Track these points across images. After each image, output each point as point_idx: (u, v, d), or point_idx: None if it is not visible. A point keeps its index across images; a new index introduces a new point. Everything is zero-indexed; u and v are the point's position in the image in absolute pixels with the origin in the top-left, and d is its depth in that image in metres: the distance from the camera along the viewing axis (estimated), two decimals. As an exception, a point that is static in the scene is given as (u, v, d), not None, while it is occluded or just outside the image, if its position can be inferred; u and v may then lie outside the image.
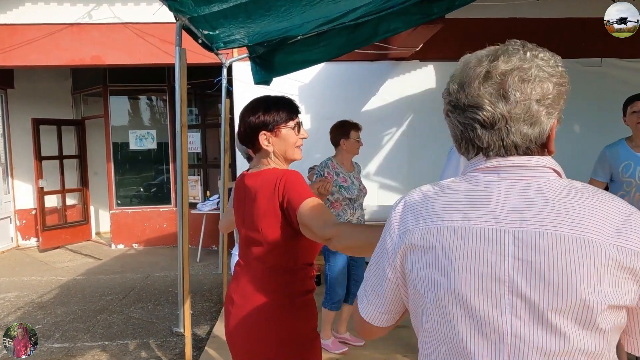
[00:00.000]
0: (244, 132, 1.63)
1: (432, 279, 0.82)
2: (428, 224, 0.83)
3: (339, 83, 5.68)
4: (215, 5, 2.48)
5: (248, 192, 1.62)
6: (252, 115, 1.59)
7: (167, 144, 7.69)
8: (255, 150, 1.66)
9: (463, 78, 0.85)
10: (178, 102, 2.81)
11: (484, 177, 0.84)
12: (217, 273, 5.87)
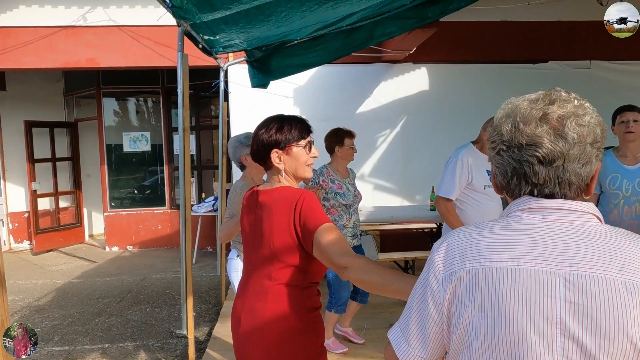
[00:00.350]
0: (256, 149, 1.67)
1: (482, 320, 0.81)
2: (475, 265, 0.83)
3: (334, 85, 5.74)
4: (219, 12, 2.52)
5: (261, 208, 1.64)
6: (265, 133, 1.63)
7: (161, 146, 7.69)
8: (266, 168, 1.70)
9: (517, 119, 0.88)
10: (180, 107, 2.84)
11: (528, 217, 0.86)
12: (213, 275, 5.90)
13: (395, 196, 5.82)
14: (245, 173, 2.76)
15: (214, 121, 7.71)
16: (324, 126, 5.88)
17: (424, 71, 5.86)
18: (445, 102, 5.81)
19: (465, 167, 3.00)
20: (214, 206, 6.59)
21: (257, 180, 2.74)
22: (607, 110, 6.22)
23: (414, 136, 5.81)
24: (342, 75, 5.67)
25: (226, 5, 2.44)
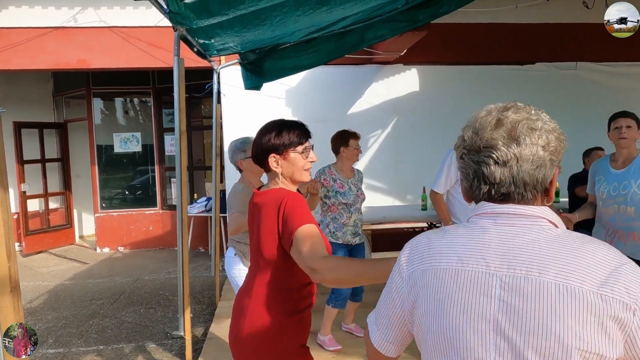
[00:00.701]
0: (255, 153, 1.73)
1: (430, 315, 0.90)
2: (427, 265, 0.93)
3: (326, 86, 5.79)
4: (216, 18, 2.55)
5: (256, 209, 1.70)
6: (264, 138, 1.68)
7: (153, 146, 7.68)
8: (265, 170, 1.75)
9: (476, 126, 0.95)
10: (177, 111, 2.88)
11: (481, 222, 0.92)
12: (207, 275, 5.91)
13: (387, 196, 5.88)
14: (243, 176, 2.85)
15: (205, 122, 7.71)
16: (316, 127, 5.91)
17: (414, 72, 5.93)
18: (436, 103, 5.89)
19: (454, 165, 3.12)
20: (207, 207, 6.61)
21: (254, 183, 2.80)
22: (592, 111, 6.38)
23: (405, 137, 5.88)
24: (334, 76, 5.71)
25: (223, 11, 2.47)
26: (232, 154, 2.84)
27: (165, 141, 7.54)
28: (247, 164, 2.79)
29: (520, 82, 5.97)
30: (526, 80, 5.97)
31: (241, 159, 2.81)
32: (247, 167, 2.80)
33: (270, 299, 1.63)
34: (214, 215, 5.16)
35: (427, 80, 5.95)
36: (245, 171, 2.83)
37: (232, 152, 2.84)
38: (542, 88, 5.97)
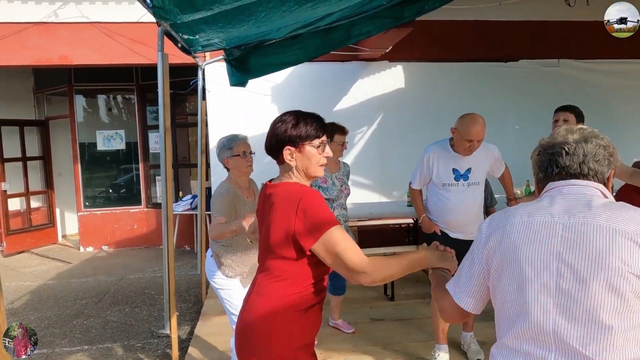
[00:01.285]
0: (269, 143, 1.66)
1: (505, 254, 1.20)
2: (503, 223, 1.25)
3: (312, 83, 5.78)
4: (200, 13, 2.53)
5: (267, 200, 1.65)
6: (281, 128, 1.61)
7: (137, 144, 7.59)
8: (278, 162, 1.69)
9: (553, 134, 1.32)
10: (161, 107, 2.84)
11: (549, 193, 1.25)
12: (192, 273, 5.87)
13: (373, 192, 5.90)
14: (230, 175, 2.77)
15: (190, 119, 7.65)
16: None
17: (399, 69, 5.95)
18: (421, 99, 5.92)
19: (426, 163, 3.16)
20: (192, 204, 6.56)
21: (241, 183, 2.74)
22: (575, 108, 6.31)
23: (391, 133, 5.90)
24: (320, 73, 5.71)
25: (208, 6, 2.45)
26: (219, 152, 2.76)
27: (150, 139, 7.46)
28: (234, 163, 2.71)
29: (504, 78, 6.03)
30: (510, 77, 6.03)
31: (228, 157, 2.71)
32: (234, 165, 2.72)
33: (281, 296, 1.59)
34: (199, 213, 5.12)
35: (413, 77, 5.97)
36: (232, 170, 2.74)
37: (219, 150, 2.76)
38: (525, 85, 6.05)
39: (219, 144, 2.80)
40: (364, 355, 3.36)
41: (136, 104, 7.53)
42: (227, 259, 2.77)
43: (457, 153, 3.09)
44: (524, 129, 6.20)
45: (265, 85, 5.58)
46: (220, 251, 2.77)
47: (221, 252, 2.77)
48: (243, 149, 2.72)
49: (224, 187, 2.67)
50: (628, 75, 6.12)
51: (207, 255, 2.87)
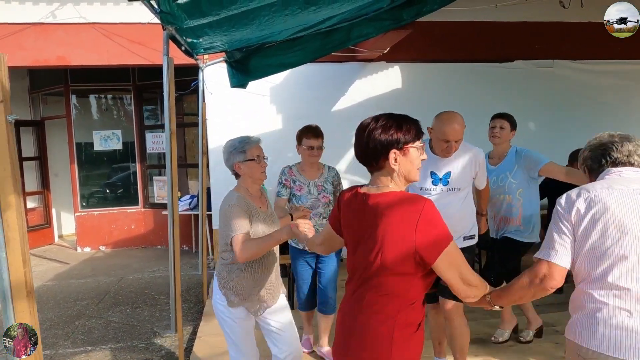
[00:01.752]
0: (371, 148, 1.53)
1: (592, 220, 1.57)
2: (586, 195, 1.62)
3: (310, 83, 5.81)
4: (207, 18, 2.56)
5: (371, 212, 1.53)
6: (383, 132, 1.51)
7: (134, 144, 7.58)
8: (374, 169, 1.57)
9: (598, 137, 1.81)
10: (167, 110, 2.87)
11: (610, 177, 1.68)
12: (192, 273, 5.90)
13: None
14: (240, 183, 2.40)
15: (186, 118, 7.64)
16: (300, 124, 5.93)
17: (397, 70, 6.00)
18: (418, 99, 5.96)
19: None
20: (191, 205, 6.58)
21: (252, 192, 2.39)
22: (568, 107, 6.52)
23: (388, 133, 5.95)
24: (318, 73, 5.73)
25: (215, 11, 2.47)
26: (229, 156, 2.37)
27: (147, 139, 7.45)
28: (247, 168, 2.33)
29: (500, 79, 6.10)
30: (505, 77, 6.10)
31: (240, 162, 2.32)
32: (246, 171, 2.34)
33: (397, 312, 1.50)
34: (200, 213, 5.16)
35: (410, 77, 6.03)
36: (244, 177, 2.36)
37: (229, 154, 2.37)
38: (521, 85, 6.12)
39: (228, 146, 2.39)
40: None
41: (133, 104, 7.52)
42: (233, 281, 2.32)
43: (435, 155, 2.79)
44: (519, 129, 6.25)
45: (264, 86, 5.60)
46: (224, 272, 2.35)
47: (225, 272, 2.35)
48: (257, 153, 2.35)
49: (234, 197, 2.30)
50: (621, 75, 6.22)
51: (215, 273, 2.48)
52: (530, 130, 6.29)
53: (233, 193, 2.34)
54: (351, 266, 1.62)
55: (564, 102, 6.16)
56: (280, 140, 5.58)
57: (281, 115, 5.88)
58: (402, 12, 3.98)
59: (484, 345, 3.47)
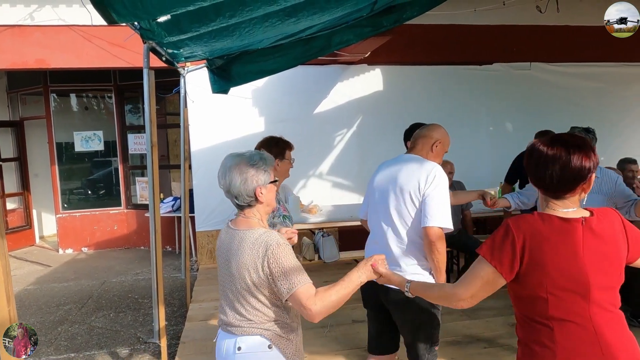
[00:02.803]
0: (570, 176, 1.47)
1: None
2: None
3: (292, 86, 5.85)
4: (187, 34, 2.58)
5: (598, 238, 1.49)
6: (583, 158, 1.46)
7: (115, 143, 7.54)
8: (571, 194, 1.51)
9: None
10: (147, 124, 2.89)
11: None
12: (175, 276, 5.92)
13: (353, 193, 6.04)
14: (250, 215, 1.78)
15: (168, 119, 7.61)
16: (282, 127, 6.04)
17: (378, 72, 6.07)
18: (399, 102, 6.06)
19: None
20: (174, 207, 6.59)
21: (264, 221, 1.82)
22: (545, 108, 6.68)
23: (370, 135, 6.03)
24: (300, 76, 5.77)
25: (194, 29, 2.50)
26: (248, 177, 1.72)
27: (129, 139, 7.41)
28: (269, 193, 1.79)
29: (479, 81, 6.22)
30: (484, 80, 6.23)
31: (262, 185, 1.74)
32: (268, 197, 1.79)
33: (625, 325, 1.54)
34: (183, 216, 5.16)
35: (391, 80, 6.10)
36: (263, 205, 1.80)
37: (248, 175, 1.72)
38: (499, 87, 6.25)
39: (244, 165, 1.73)
40: (347, 357, 3.49)
41: (114, 104, 7.47)
42: (291, 345, 1.79)
43: None
44: (497, 130, 6.41)
45: (246, 89, 5.62)
46: (277, 336, 1.74)
47: (279, 336, 1.74)
48: (274, 173, 1.84)
49: (274, 234, 1.70)
50: (595, 77, 6.39)
51: (248, 350, 1.72)
52: (508, 131, 6.44)
53: (270, 233, 1.71)
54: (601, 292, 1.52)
55: (541, 104, 6.31)
56: (263, 143, 5.62)
57: (263, 118, 5.91)
58: (382, 19, 4.04)
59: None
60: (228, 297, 1.78)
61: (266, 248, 1.65)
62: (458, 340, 3.68)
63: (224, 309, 1.80)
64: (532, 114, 6.29)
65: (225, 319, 1.78)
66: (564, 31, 6.13)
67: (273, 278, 1.64)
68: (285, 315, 1.75)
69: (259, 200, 1.75)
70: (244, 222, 1.77)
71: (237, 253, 1.70)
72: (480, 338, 3.71)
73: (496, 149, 6.25)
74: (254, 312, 1.71)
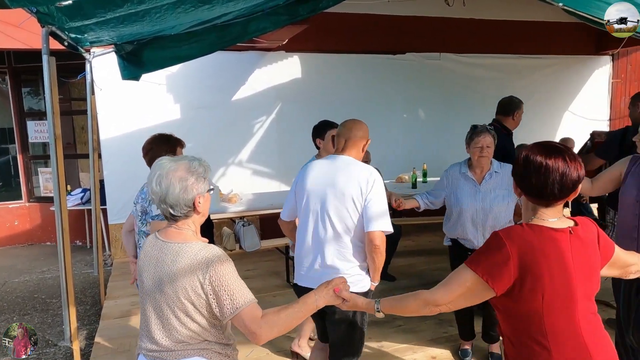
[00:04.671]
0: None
1: None
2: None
3: (209, 72, 5.69)
4: (91, 20, 2.42)
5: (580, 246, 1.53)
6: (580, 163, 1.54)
7: (12, 131, 6.89)
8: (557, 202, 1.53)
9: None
10: (50, 114, 2.70)
11: None
12: (87, 272, 5.60)
13: (274, 181, 6.05)
14: (183, 226, 1.63)
15: (74, 104, 7.09)
16: (200, 113, 5.88)
17: (296, 60, 6.07)
18: (317, 89, 6.12)
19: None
20: (83, 199, 6.20)
21: (198, 233, 1.70)
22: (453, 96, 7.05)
23: (289, 122, 6.03)
24: (216, 62, 5.60)
25: (100, 14, 2.36)
26: (188, 185, 1.58)
27: (28, 127, 6.81)
28: (206, 203, 1.67)
29: (393, 70, 6.44)
30: (398, 68, 6.46)
31: (202, 194, 1.63)
32: (204, 207, 1.67)
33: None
34: (93, 208, 4.88)
35: (309, 67, 6.14)
36: (200, 216, 1.69)
37: (188, 183, 1.58)
38: (412, 76, 6.52)
39: (184, 172, 1.59)
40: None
41: (10, 88, 6.79)
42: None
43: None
44: (411, 117, 6.71)
45: (160, 75, 5.36)
46: (216, 353, 1.63)
47: (218, 353, 1.64)
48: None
49: (214, 248, 1.61)
50: (497, 68, 6.85)
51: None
52: (421, 117, 6.76)
53: (207, 245, 1.60)
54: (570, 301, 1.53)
55: (450, 92, 6.68)
56: (179, 131, 5.38)
57: (179, 105, 5.71)
58: (298, 7, 4.05)
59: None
60: (156, 317, 1.59)
61: (207, 264, 1.51)
62: (374, 320, 3.86)
63: (151, 333, 1.60)
64: (442, 101, 6.64)
65: (151, 346, 1.60)
66: (470, 24, 6.50)
67: (216, 297, 1.51)
68: (221, 333, 1.63)
69: (196, 210, 1.60)
70: (177, 235, 1.61)
71: (172, 269, 1.54)
72: (396, 316, 3.92)
73: (410, 134, 6.54)
74: (190, 334, 1.56)
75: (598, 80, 7.43)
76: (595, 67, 7.40)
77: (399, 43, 6.43)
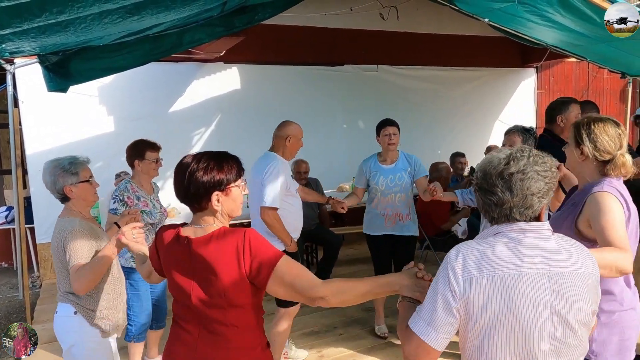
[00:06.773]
0: (193, 191, 1.52)
1: (502, 310, 1.22)
2: (491, 273, 1.23)
3: (144, 83, 5.54)
4: (6, 30, 2.31)
5: (198, 258, 1.53)
6: (205, 173, 1.51)
7: None
8: (197, 209, 1.57)
9: (486, 170, 1.32)
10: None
11: (516, 235, 1.28)
12: (12, 295, 5.25)
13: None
14: (70, 206, 2.23)
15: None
16: (134, 126, 5.71)
17: (235, 71, 6.04)
18: (255, 100, 6.11)
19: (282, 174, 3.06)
20: (7, 218, 5.82)
21: (86, 214, 2.26)
22: (390, 107, 7.24)
23: (229, 134, 5.97)
24: (152, 73, 5.47)
25: (15, 24, 2.25)
26: (56, 178, 2.16)
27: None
28: (80, 191, 2.19)
29: (332, 82, 6.56)
30: (337, 80, 6.58)
31: (72, 184, 2.17)
32: (80, 194, 2.20)
33: (249, 340, 1.60)
34: (17, 227, 4.59)
35: (248, 79, 6.13)
36: (76, 199, 2.21)
37: (56, 176, 2.16)
38: (351, 88, 6.66)
39: (52, 168, 2.18)
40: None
41: None
42: (100, 310, 2.20)
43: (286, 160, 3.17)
44: (350, 127, 6.84)
45: (91, 86, 5.16)
46: (86, 302, 2.16)
47: (88, 302, 2.17)
48: (89, 174, 2.25)
49: (76, 223, 2.14)
50: (431, 79, 7.13)
51: (63, 313, 2.18)
52: (359, 128, 6.90)
53: (71, 220, 2.15)
54: (185, 310, 1.58)
55: (386, 103, 6.87)
56: (114, 144, 5.26)
57: (112, 117, 5.52)
58: (234, 19, 4.05)
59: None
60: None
61: (63, 234, 2.10)
62: (316, 330, 3.88)
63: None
64: (380, 112, 6.69)
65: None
66: (404, 37, 6.74)
67: (64, 258, 2.10)
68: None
69: (68, 196, 2.18)
70: (64, 212, 2.23)
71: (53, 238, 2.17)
72: (337, 326, 3.95)
73: (350, 145, 6.66)
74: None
75: (524, 91, 7.90)
76: (522, 79, 7.87)
77: (337, 55, 6.56)
